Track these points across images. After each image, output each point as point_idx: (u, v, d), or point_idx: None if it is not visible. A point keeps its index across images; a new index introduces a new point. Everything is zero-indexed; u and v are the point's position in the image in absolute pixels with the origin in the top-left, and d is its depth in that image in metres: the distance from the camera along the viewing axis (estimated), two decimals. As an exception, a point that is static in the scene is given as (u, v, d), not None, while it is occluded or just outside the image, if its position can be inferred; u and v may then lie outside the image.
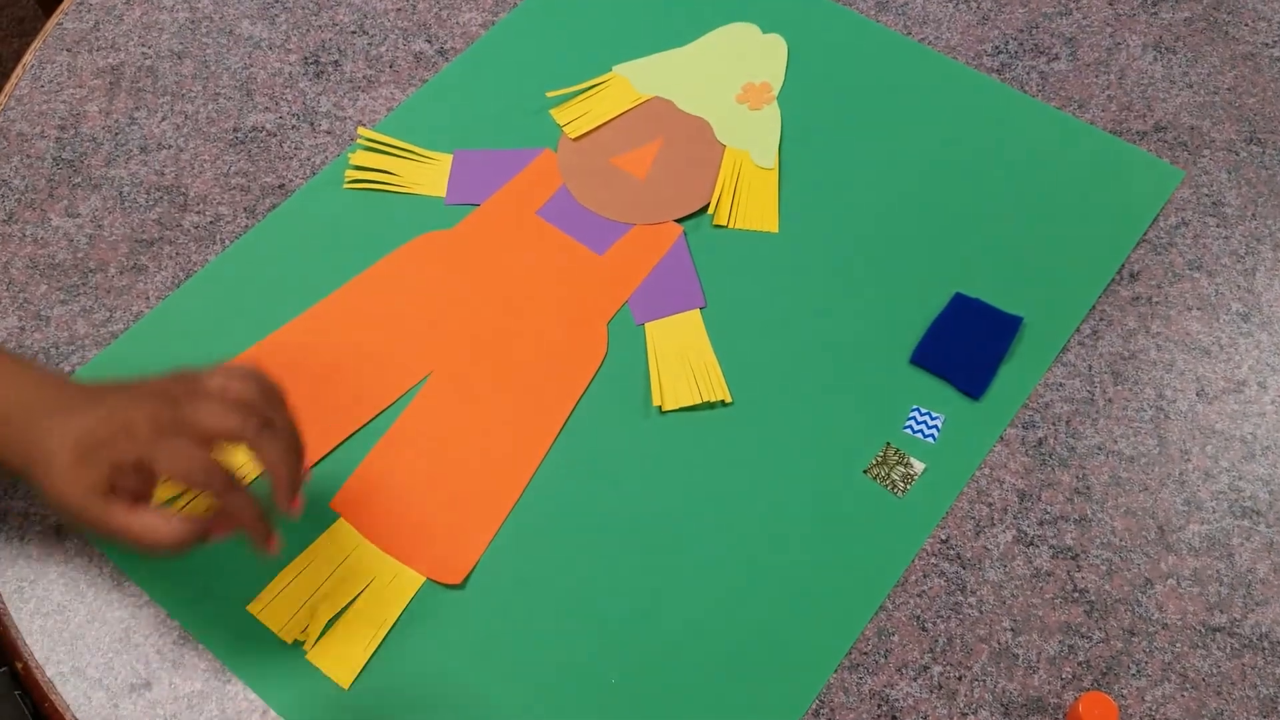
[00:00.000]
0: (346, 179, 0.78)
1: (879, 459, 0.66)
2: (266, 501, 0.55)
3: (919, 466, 0.66)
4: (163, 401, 0.54)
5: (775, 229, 0.75)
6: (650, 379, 0.69)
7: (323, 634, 0.61)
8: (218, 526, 0.55)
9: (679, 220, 0.76)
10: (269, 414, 0.55)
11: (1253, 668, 0.60)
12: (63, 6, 0.89)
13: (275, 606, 0.62)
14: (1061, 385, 0.69)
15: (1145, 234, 0.75)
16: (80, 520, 0.54)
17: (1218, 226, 0.75)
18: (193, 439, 0.53)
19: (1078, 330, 0.71)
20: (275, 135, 0.81)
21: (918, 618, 0.61)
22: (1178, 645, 0.60)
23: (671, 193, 0.77)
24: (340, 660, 0.60)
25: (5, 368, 0.58)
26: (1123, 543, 0.64)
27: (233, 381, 0.55)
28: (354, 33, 0.87)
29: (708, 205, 0.76)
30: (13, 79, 0.85)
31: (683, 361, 0.70)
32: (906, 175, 0.78)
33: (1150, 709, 0.59)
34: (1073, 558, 0.63)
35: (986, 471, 0.66)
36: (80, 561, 0.64)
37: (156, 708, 0.60)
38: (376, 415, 0.68)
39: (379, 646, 0.61)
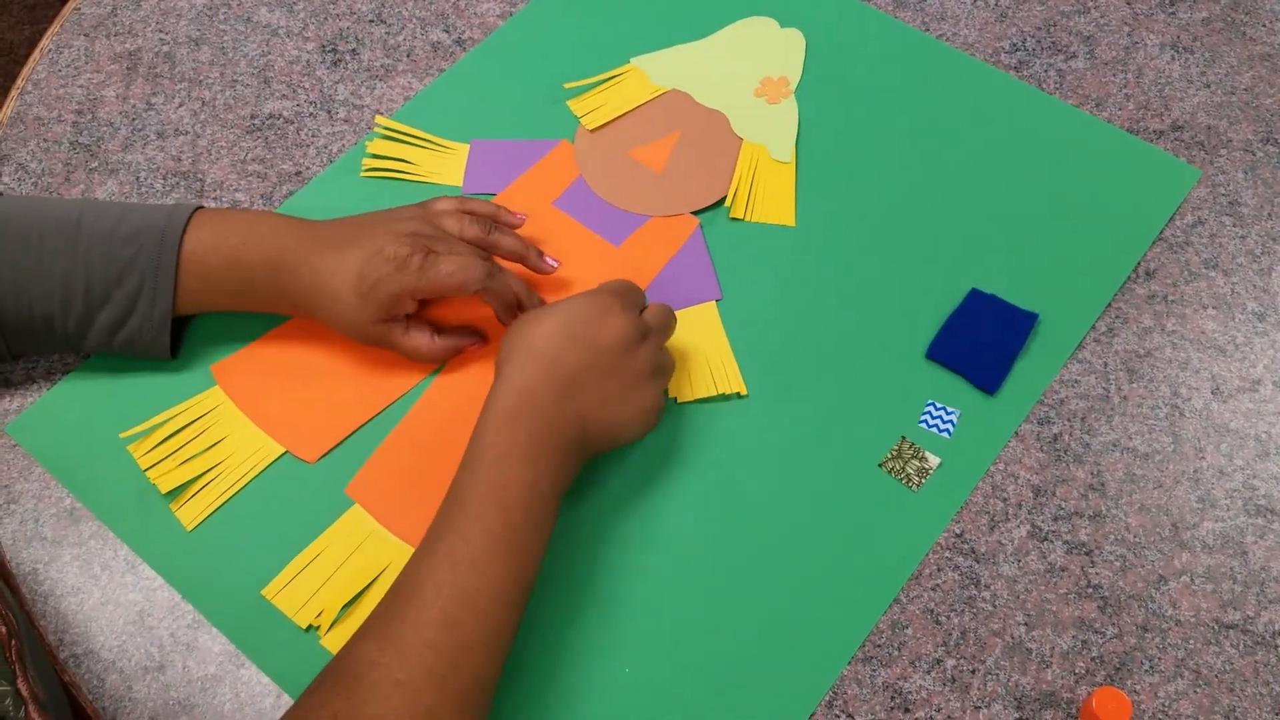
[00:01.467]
0: (363, 167, 0.78)
1: (894, 453, 0.66)
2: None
3: (934, 461, 0.66)
4: (416, 231, 0.65)
5: (792, 223, 0.75)
6: (666, 370, 0.69)
7: (337, 619, 0.61)
8: (466, 341, 0.69)
9: (696, 213, 0.76)
10: (491, 219, 0.69)
11: (1265, 665, 0.60)
12: (80, -8, 0.89)
13: (290, 591, 0.62)
14: (1077, 382, 0.69)
15: (1161, 232, 0.75)
16: (371, 340, 0.66)
17: (1234, 226, 0.75)
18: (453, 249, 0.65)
19: (1093, 327, 0.71)
20: (292, 123, 0.81)
21: (931, 611, 0.62)
22: (1191, 642, 0.60)
23: (688, 185, 0.77)
24: (354, 645, 0.60)
25: (256, 220, 0.66)
26: (1137, 539, 0.64)
27: (453, 203, 0.69)
28: (372, 21, 0.87)
29: (724, 198, 0.76)
30: (30, 63, 0.85)
31: (698, 354, 0.70)
32: (923, 171, 0.78)
33: (1163, 705, 0.59)
34: (1087, 553, 0.63)
35: (1001, 467, 0.66)
36: (95, 545, 0.64)
37: (170, 690, 0.60)
38: (391, 403, 0.68)
39: (393, 632, 0.61)
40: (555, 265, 0.71)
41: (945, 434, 0.67)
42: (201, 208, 0.66)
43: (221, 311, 0.69)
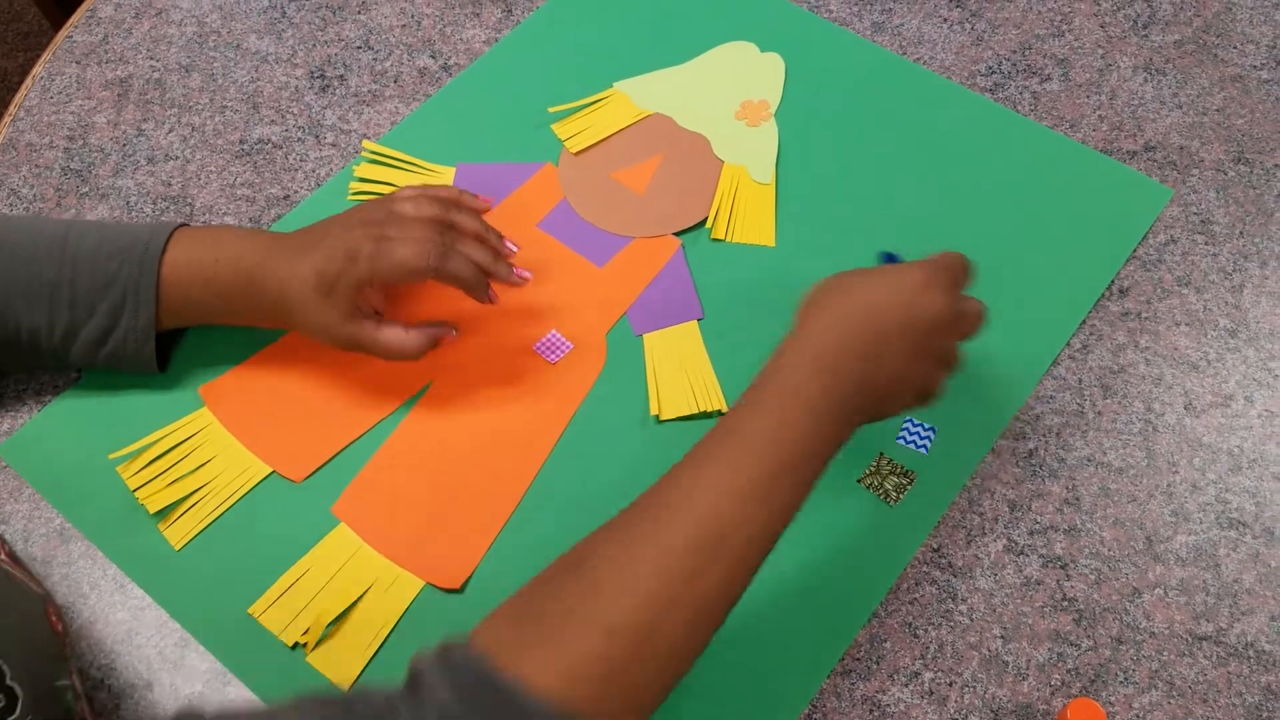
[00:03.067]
0: (350, 191, 0.80)
1: (872, 468, 0.67)
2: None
3: (911, 476, 0.67)
4: (369, 219, 0.65)
5: (772, 243, 0.77)
6: (648, 388, 0.70)
7: (323, 637, 0.62)
8: (440, 332, 0.69)
9: (677, 234, 0.77)
10: (453, 203, 0.69)
11: (1238, 676, 0.61)
12: (73, 19, 0.90)
13: (276, 609, 0.63)
14: (1052, 398, 0.70)
15: (1135, 251, 0.76)
16: (345, 342, 0.65)
17: (1206, 244, 0.76)
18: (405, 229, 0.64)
19: (1068, 344, 0.72)
20: (281, 147, 0.82)
21: (909, 625, 0.62)
22: (1165, 654, 0.61)
23: (670, 207, 0.78)
24: (340, 663, 0.61)
25: (231, 238, 0.67)
26: (1111, 552, 0.65)
27: (416, 190, 0.69)
28: (359, 48, 0.88)
29: (706, 219, 0.78)
30: (22, 90, 0.86)
31: (680, 372, 0.71)
32: (901, 192, 0.79)
33: (1137, 716, 0.60)
34: (1062, 567, 0.64)
35: (978, 482, 0.67)
36: (84, 564, 0.65)
37: (157, 708, 0.60)
38: (378, 422, 0.69)
39: (378, 649, 0.62)
40: (528, 277, 0.69)
41: (923, 450, 0.68)
42: (183, 225, 0.67)
43: (207, 325, 0.69)
